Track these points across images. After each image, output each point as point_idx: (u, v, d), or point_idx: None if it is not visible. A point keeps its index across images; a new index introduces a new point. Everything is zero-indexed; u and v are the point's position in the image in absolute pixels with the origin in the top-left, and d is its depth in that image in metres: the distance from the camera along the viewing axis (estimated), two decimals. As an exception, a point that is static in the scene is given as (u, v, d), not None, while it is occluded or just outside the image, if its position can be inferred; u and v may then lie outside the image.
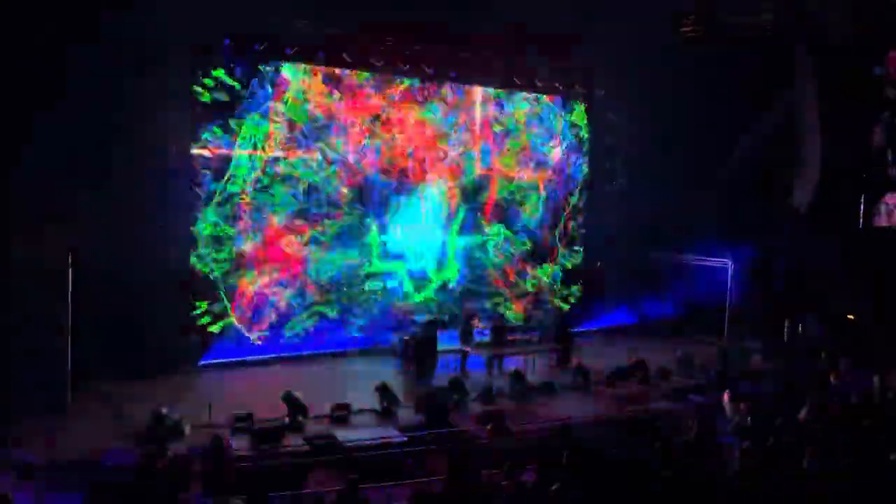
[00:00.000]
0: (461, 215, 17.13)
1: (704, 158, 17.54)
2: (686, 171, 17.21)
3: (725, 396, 10.65)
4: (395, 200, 16.06)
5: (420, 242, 16.53)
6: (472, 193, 17.25)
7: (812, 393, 10.01)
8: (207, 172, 13.77)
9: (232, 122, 13.89)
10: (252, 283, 14.40)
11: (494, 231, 17.68)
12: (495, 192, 17.60)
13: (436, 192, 16.68)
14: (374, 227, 15.81)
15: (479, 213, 17.45)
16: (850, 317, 16.30)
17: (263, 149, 14.32)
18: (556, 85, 17.92)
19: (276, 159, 14.52)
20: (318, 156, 14.97)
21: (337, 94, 15.06)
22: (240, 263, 14.23)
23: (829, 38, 15.12)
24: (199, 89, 13.49)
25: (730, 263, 17.15)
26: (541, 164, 18.28)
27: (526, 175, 18.04)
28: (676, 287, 17.89)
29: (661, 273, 18.37)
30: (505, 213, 17.83)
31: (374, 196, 15.79)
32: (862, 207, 17.39)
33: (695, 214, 17.52)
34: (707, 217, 17.64)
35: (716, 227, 17.39)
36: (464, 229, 17.23)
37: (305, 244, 14.94)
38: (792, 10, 15.31)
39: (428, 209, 16.62)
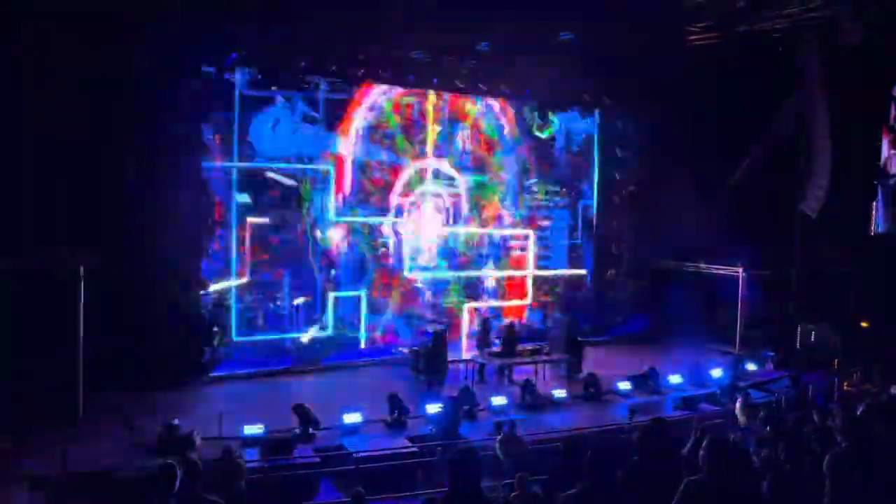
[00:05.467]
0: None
1: (715, 166, 17.48)
2: (697, 180, 17.14)
3: (738, 405, 10.60)
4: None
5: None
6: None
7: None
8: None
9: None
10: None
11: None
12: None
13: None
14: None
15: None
16: (864, 324, 16.15)
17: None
18: (566, 94, 17.93)
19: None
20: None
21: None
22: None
23: (839, 43, 15.04)
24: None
25: (741, 271, 17.05)
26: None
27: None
28: (688, 296, 17.79)
29: (672, 282, 18.28)
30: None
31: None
32: (873, 213, 17.27)
33: (706, 222, 17.44)
34: (718, 225, 17.55)
35: (727, 235, 17.31)
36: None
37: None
38: (802, 16, 15.25)
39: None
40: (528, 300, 18.14)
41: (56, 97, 11.41)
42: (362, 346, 15.78)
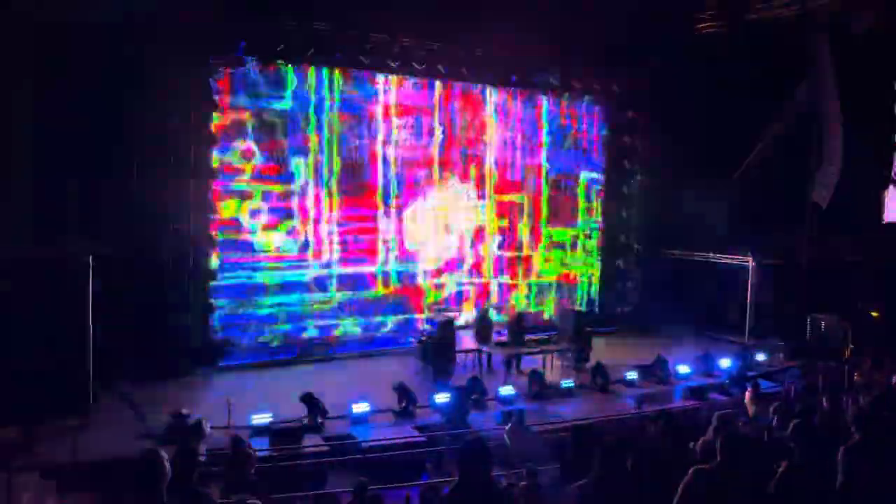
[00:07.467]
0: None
1: (725, 155, 17.35)
2: (706, 169, 17.02)
3: (747, 395, 10.54)
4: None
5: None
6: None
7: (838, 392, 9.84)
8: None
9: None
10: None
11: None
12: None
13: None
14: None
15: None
16: (874, 313, 16.04)
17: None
18: (573, 84, 17.80)
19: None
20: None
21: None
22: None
23: (850, 30, 14.86)
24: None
25: (751, 261, 16.95)
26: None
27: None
28: (697, 286, 17.71)
29: (681, 271, 18.20)
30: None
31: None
32: (884, 202, 17.13)
33: (714, 212, 17.34)
34: (727, 215, 17.45)
35: (736, 225, 17.20)
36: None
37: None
38: (812, 3, 15.09)
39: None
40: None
41: (66, 93, 11.42)
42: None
